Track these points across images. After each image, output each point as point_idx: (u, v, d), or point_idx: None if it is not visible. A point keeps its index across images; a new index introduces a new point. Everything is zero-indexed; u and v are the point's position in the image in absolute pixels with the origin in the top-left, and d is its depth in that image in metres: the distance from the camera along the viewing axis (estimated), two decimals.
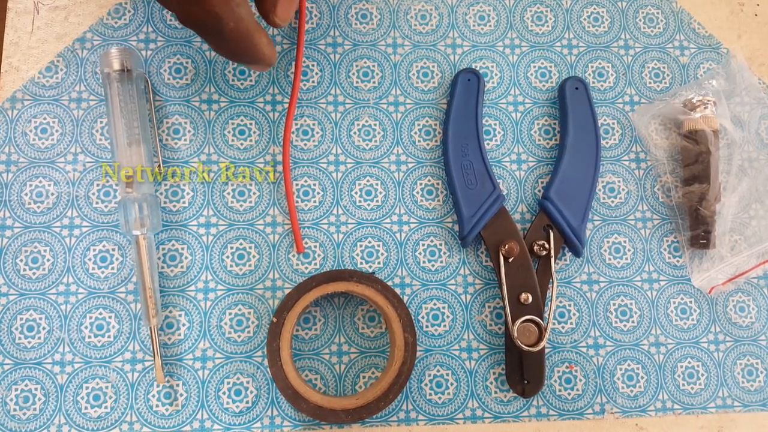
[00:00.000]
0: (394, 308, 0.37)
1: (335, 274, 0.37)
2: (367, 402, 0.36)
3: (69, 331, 0.38)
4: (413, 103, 0.43)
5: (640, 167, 0.43)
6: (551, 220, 0.40)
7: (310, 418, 0.37)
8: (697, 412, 0.40)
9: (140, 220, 0.37)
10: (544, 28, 0.44)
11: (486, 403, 0.39)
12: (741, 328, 0.41)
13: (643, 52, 0.44)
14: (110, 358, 0.38)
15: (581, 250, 0.40)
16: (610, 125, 0.43)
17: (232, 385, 0.38)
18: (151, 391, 0.38)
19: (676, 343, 0.41)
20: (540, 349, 0.38)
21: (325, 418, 0.36)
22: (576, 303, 0.41)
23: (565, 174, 0.41)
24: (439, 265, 0.41)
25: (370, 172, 0.41)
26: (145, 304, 0.37)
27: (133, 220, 0.37)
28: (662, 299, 0.41)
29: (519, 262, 0.39)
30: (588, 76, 0.44)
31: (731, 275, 0.41)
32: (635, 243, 0.42)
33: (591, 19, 0.45)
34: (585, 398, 0.40)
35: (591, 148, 0.41)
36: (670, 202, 0.42)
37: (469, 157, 0.40)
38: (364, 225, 0.41)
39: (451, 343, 0.40)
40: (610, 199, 0.42)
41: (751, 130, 0.43)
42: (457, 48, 0.44)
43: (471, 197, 0.40)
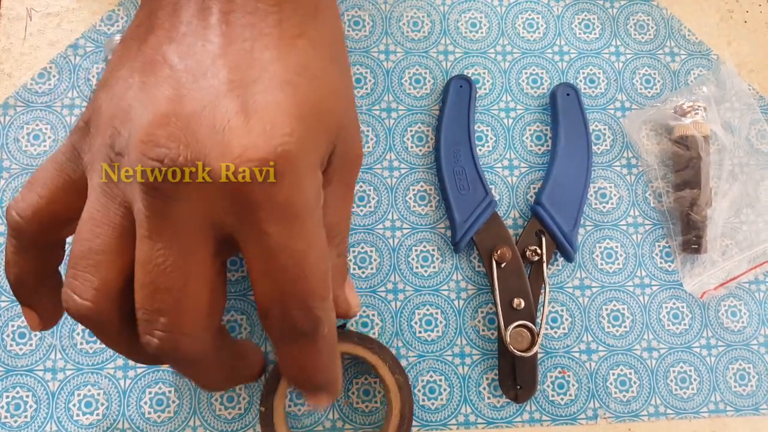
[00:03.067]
0: (376, 354, 0.36)
1: None
2: None
3: (61, 337, 0.38)
4: (405, 109, 0.43)
5: (631, 173, 0.43)
6: (543, 226, 0.40)
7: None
8: (690, 416, 0.40)
9: None
10: (535, 35, 0.45)
11: (479, 409, 0.39)
12: (733, 332, 0.41)
13: (634, 58, 0.45)
14: (102, 364, 0.38)
15: (573, 256, 0.40)
16: (602, 131, 0.44)
17: (225, 391, 0.38)
18: (143, 398, 0.38)
19: (668, 347, 0.41)
20: (533, 354, 0.38)
21: None
22: (568, 308, 0.41)
23: (557, 180, 0.41)
24: (431, 270, 0.41)
25: (362, 178, 0.42)
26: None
27: None
28: (654, 304, 0.41)
29: (511, 268, 0.39)
30: (579, 83, 0.44)
31: (723, 280, 0.41)
32: (627, 248, 0.42)
33: (582, 26, 0.45)
34: (578, 403, 0.40)
35: (582, 154, 0.41)
36: (662, 208, 0.43)
37: (462, 162, 0.41)
38: (357, 231, 0.41)
39: (444, 349, 0.40)
40: (601, 205, 0.42)
41: (741, 136, 0.44)
42: (449, 54, 0.44)
43: (463, 203, 0.40)
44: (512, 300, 0.39)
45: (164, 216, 0.24)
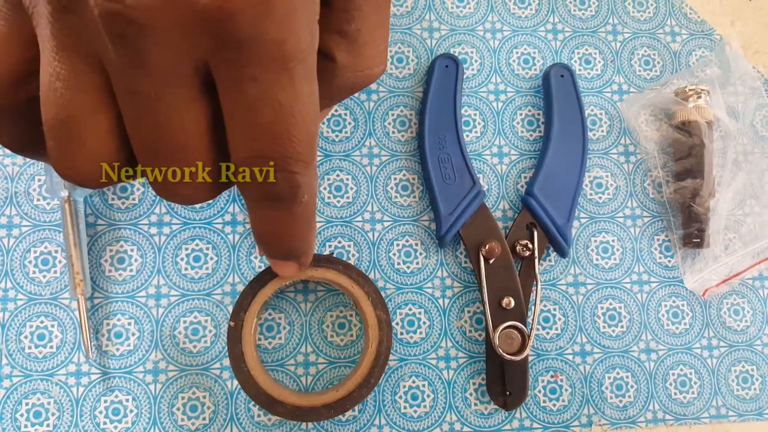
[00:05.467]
0: (361, 287, 0.34)
1: None
2: (348, 392, 0.33)
3: (7, 341, 0.34)
4: (387, 91, 0.39)
5: (629, 161, 0.40)
6: (535, 218, 0.37)
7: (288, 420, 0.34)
8: (690, 422, 0.37)
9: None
10: (527, 12, 0.41)
11: (465, 416, 0.36)
12: (735, 332, 0.39)
13: (632, 37, 0.42)
14: (53, 370, 0.34)
15: (567, 250, 0.37)
16: (598, 116, 0.41)
17: (188, 401, 0.35)
18: (98, 407, 0.34)
19: (667, 349, 0.38)
20: (523, 357, 0.35)
21: (305, 418, 0.33)
22: (561, 307, 0.38)
23: (550, 168, 0.38)
24: (415, 266, 0.38)
25: (340, 166, 0.38)
26: (71, 272, 0.34)
27: (59, 180, 0.34)
28: (653, 302, 0.39)
29: (500, 264, 0.36)
30: (574, 63, 0.41)
31: (726, 276, 0.39)
32: (624, 242, 0.39)
33: (577, 2, 0.42)
34: (571, 409, 0.37)
35: (577, 141, 0.38)
36: (662, 198, 0.40)
37: (447, 149, 0.37)
38: (334, 223, 0.38)
39: (427, 352, 0.37)
40: (597, 195, 0.39)
41: (745, 122, 0.41)
42: (434, 32, 0.40)
43: (449, 193, 0.37)
44: (501, 299, 0.36)
45: (142, 64, 0.20)
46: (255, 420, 0.35)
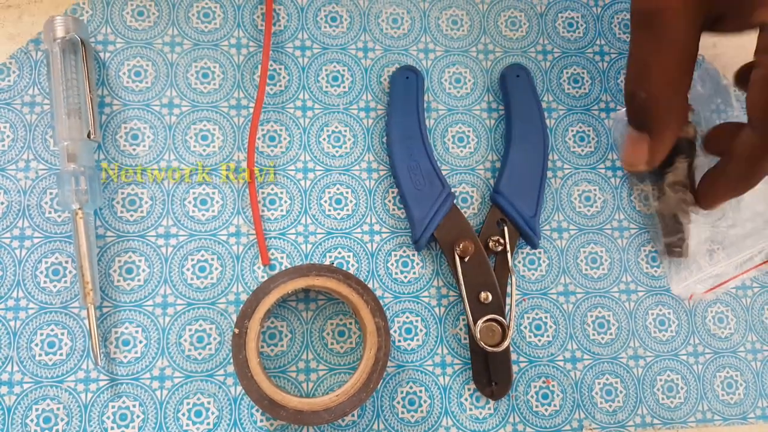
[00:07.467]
0: (360, 295, 0.35)
1: (291, 271, 0.35)
2: (348, 396, 0.34)
3: (18, 349, 0.36)
4: (385, 108, 0.41)
5: (616, 175, 0.42)
6: (504, 214, 0.39)
7: (290, 423, 0.36)
8: (677, 426, 0.39)
9: (77, 193, 0.35)
10: (518, 33, 0.43)
11: (461, 421, 0.37)
12: (720, 339, 0.40)
13: (618, 57, 0.44)
14: (62, 377, 0.36)
15: (537, 242, 0.39)
16: (586, 132, 0.42)
17: (193, 406, 0.36)
18: (105, 412, 0.36)
19: (655, 355, 0.40)
20: (505, 348, 0.36)
21: (307, 422, 0.34)
22: (552, 315, 0.39)
23: (514, 165, 0.39)
24: (412, 276, 0.39)
25: (340, 180, 0.40)
26: (81, 282, 0.35)
27: (70, 193, 0.35)
28: (640, 310, 0.40)
29: (475, 261, 0.38)
30: (563, 83, 0.43)
31: (711, 286, 0.40)
32: (612, 253, 0.41)
33: (566, 25, 0.44)
34: (562, 414, 0.38)
35: (538, 137, 0.40)
36: (648, 211, 0.41)
37: (415, 157, 0.39)
38: (334, 235, 0.39)
39: (424, 358, 0.38)
40: (586, 208, 0.41)
41: None
42: (429, 53, 0.42)
43: (420, 199, 0.38)
44: (479, 294, 0.37)
45: None
46: (258, 425, 0.36)
